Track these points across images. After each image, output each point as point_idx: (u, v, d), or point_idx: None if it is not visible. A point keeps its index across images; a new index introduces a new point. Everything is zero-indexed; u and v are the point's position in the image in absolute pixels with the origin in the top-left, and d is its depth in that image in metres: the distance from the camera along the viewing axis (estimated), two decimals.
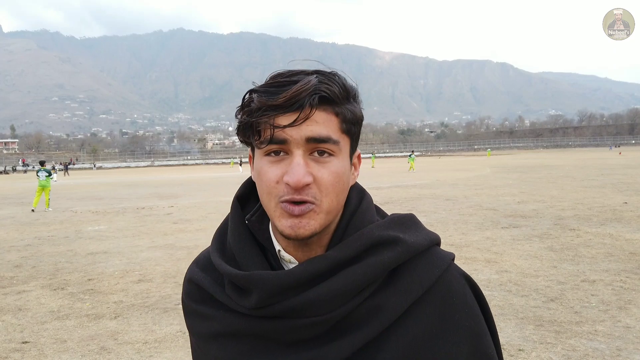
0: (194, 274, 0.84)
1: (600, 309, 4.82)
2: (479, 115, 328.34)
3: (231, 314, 0.76)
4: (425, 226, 0.81)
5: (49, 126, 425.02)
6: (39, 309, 5.51)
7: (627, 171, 25.56)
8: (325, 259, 0.71)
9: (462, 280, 0.77)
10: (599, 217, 10.51)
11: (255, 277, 0.71)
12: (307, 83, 0.68)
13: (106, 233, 10.99)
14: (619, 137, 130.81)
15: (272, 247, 0.77)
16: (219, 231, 0.85)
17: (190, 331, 0.85)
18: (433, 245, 0.78)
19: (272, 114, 0.68)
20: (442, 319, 0.73)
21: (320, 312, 0.70)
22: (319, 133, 0.69)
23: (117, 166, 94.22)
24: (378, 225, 0.75)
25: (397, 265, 0.73)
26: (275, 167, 0.70)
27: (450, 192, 17.96)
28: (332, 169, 0.70)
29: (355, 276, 0.70)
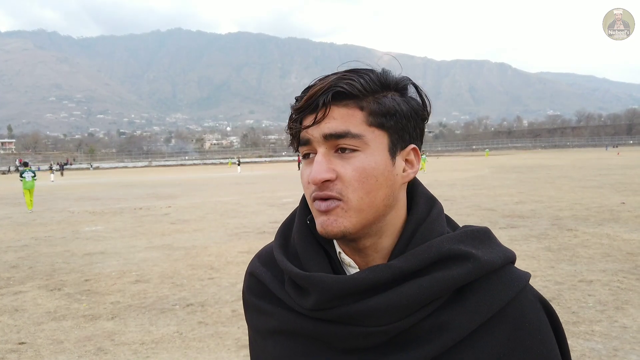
0: (255, 268, 0.84)
1: (598, 309, 4.82)
2: (478, 116, 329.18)
3: (288, 312, 0.75)
4: (499, 241, 0.76)
5: (46, 126, 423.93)
6: (35, 310, 5.49)
7: (625, 171, 25.62)
8: (389, 268, 0.68)
9: (537, 303, 0.73)
10: (597, 217, 10.53)
11: (316, 278, 0.70)
12: (325, 82, 0.69)
13: (103, 233, 10.97)
14: (617, 137, 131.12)
15: (332, 249, 0.76)
16: (283, 227, 0.84)
17: (249, 325, 0.85)
18: (508, 263, 0.73)
19: (299, 118, 0.71)
20: (512, 344, 0.68)
21: (380, 323, 0.67)
22: (335, 129, 0.68)
23: (114, 166, 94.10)
24: (449, 238, 0.71)
25: (467, 282, 0.69)
26: (307, 168, 0.72)
27: (449, 192, 17.97)
28: (357, 164, 0.68)
29: (419, 289, 0.67)
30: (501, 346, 0.68)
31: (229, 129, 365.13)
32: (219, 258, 7.90)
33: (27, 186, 16.71)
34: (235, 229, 10.83)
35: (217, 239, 9.65)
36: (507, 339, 0.68)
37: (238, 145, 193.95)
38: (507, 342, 0.68)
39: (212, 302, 5.56)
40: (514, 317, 0.70)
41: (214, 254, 8.25)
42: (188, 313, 5.20)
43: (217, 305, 5.40)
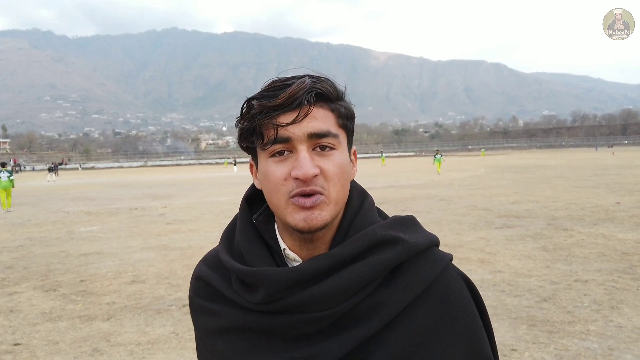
0: (202, 271, 0.87)
1: (593, 309, 4.84)
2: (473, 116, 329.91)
3: (238, 310, 0.79)
4: (424, 227, 0.84)
5: (41, 126, 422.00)
6: (30, 311, 5.47)
7: (620, 171, 25.75)
8: (330, 256, 0.74)
9: (459, 280, 0.80)
10: (592, 217, 10.57)
11: (262, 273, 0.74)
12: (303, 83, 0.73)
13: (99, 234, 10.93)
14: (612, 137, 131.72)
15: (277, 246, 0.80)
16: (227, 231, 0.88)
17: (197, 328, 0.87)
18: (432, 245, 0.81)
19: (273, 114, 0.72)
20: (440, 316, 0.75)
21: (324, 308, 0.73)
22: (319, 128, 0.73)
23: (109, 166, 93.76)
24: (380, 226, 0.78)
25: (398, 263, 0.76)
26: (281, 166, 0.73)
27: (445, 192, 18.01)
28: (336, 161, 0.74)
29: (358, 274, 0.73)
30: (431, 319, 0.75)
31: (225, 129, 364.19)
32: None
33: (1, 186, 17.21)
34: None
35: (213, 239, 9.63)
36: (435, 312, 0.75)
37: (234, 145, 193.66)
38: (436, 314, 0.75)
39: None
40: (440, 292, 0.77)
41: None
42: (184, 313, 5.19)
43: None
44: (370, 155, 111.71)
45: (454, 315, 0.76)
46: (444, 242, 8.51)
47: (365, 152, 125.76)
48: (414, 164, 56.07)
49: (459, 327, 0.76)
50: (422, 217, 11.65)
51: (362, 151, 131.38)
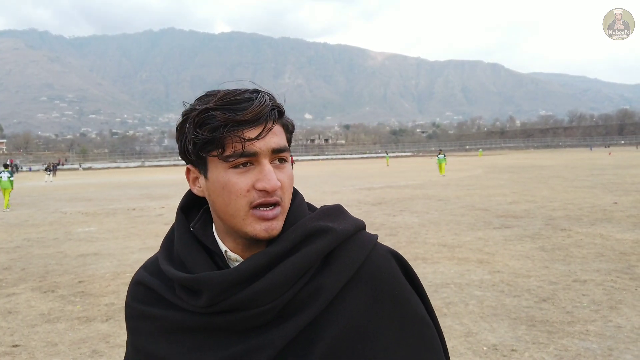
0: (143, 277, 0.88)
1: (592, 309, 4.85)
2: (471, 116, 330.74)
3: (181, 313, 0.81)
4: (350, 214, 0.89)
5: (38, 126, 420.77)
6: (28, 312, 5.45)
7: (617, 171, 25.82)
8: (266, 254, 0.78)
9: (387, 255, 0.86)
10: (590, 217, 10.60)
11: (203, 278, 0.77)
12: (265, 99, 0.77)
13: (96, 234, 10.90)
14: (609, 137, 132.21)
15: (218, 250, 0.84)
16: (165, 240, 0.90)
17: (134, 334, 0.87)
18: (359, 230, 0.86)
19: (239, 129, 0.75)
20: (373, 292, 0.81)
21: (266, 302, 0.76)
22: (279, 143, 0.78)
23: (106, 167, 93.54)
24: (310, 218, 0.83)
25: (330, 250, 0.81)
26: (243, 177, 0.76)
27: (443, 192, 18.03)
28: (288, 173, 0.81)
29: (294, 265, 0.77)
30: (364, 295, 0.80)
31: None
32: None
33: (2, 186, 17.76)
34: None
35: None
36: (368, 288, 0.81)
37: None
38: (370, 292, 0.80)
39: None
40: (371, 270, 0.82)
41: None
42: None
43: None
44: (368, 156, 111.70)
45: (385, 288, 0.81)
46: (442, 242, 8.52)
47: (362, 153, 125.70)
48: (413, 164, 56.15)
49: (391, 298, 0.81)
50: (421, 217, 11.66)
51: (360, 151, 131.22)
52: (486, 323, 4.58)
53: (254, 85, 0.83)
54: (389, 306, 0.80)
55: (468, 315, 4.79)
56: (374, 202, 15.55)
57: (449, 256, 7.42)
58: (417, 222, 10.87)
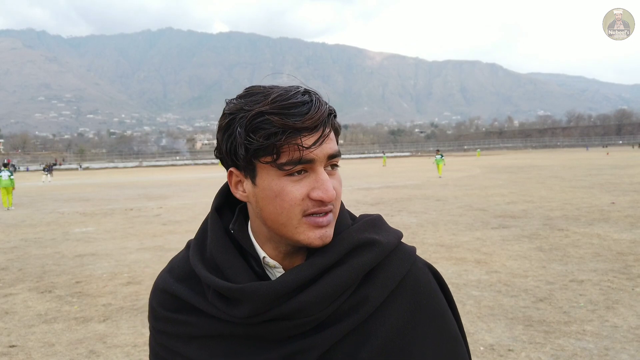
0: (169, 285, 0.84)
1: (589, 309, 4.86)
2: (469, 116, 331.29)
3: (215, 321, 0.79)
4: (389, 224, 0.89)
5: (35, 126, 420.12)
6: (26, 312, 5.44)
7: (615, 171, 25.87)
8: (313, 265, 0.76)
9: (426, 269, 0.87)
10: (587, 217, 10.62)
11: (249, 289, 0.74)
12: (322, 104, 0.74)
13: (94, 235, 10.88)
14: (607, 137, 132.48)
15: (255, 254, 0.81)
16: (197, 241, 0.86)
17: (158, 334, 0.85)
18: (399, 242, 0.86)
19: (297, 136, 0.70)
20: (413, 306, 0.81)
21: (310, 314, 0.75)
22: (334, 149, 0.75)
23: (104, 167, 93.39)
24: (356, 229, 0.82)
25: (376, 264, 0.80)
26: (299, 186, 0.73)
27: (441, 192, 18.04)
28: (339, 179, 0.79)
29: (340, 278, 0.76)
30: (405, 310, 0.80)
31: None
32: None
33: (2, 184, 18.03)
34: None
35: None
36: (409, 303, 0.81)
37: None
38: (409, 305, 0.81)
39: None
40: (411, 284, 0.82)
41: None
42: None
43: None
44: (367, 156, 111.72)
45: (423, 303, 0.82)
46: (440, 242, 8.53)
47: (361, 153, 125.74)
48: (411, 164, 56.18)
49: (429, 312, 0.81)
50: (419, 217, 11.66)
51: (358, 151, 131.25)
52: (483, 323, 4.59)
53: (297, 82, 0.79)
54: (426, 321, 0.81)
55: (465, 315, 4.79)
56: (372, 202, 15.55)
57: (446, 256, 7.43)
58: (415, 222, 10.88)
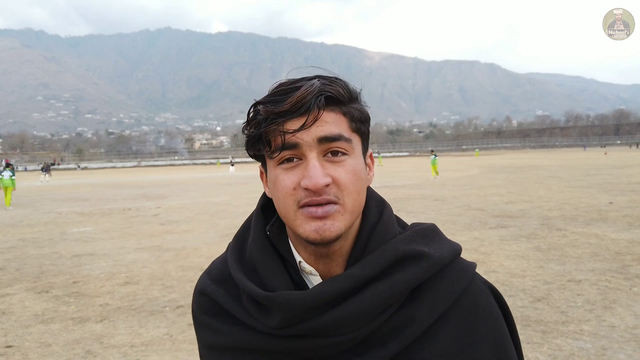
0: (206, 287, 0.81)
1: (586, 309, 4.86)
2: (468, 116, 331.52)
3: (248, 331, 0.74)
4: (445, 235, 0.80)
5: (33, 126, 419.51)
6: (22, 313, 5.42)
7: (613, 171, 25.90)
8: (350, 277, 0.69)
9: (486, 290, 0.77)
10: (585, 217, 10.62)
11: (280, 298, 0.69)
12: (312, 86, 0.68)
13: (92, 235, 10.86)
14: (605, 137, 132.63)
15: (292, 259, 0.75)
16: (236, 240, 0.83)
17: (200, 341, 0.82)
18: (456, 256, 0.77)
19: (280, 121, 0.67)
20: (468, 331, 0.72)
21: (346, 332, 0.69)
22: (331, 132, 0.68)
23: (102, 166, 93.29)
24: (402, 239, 0.74)
25: (423, 281, 0.72)
26: (290, 174, 0.69)
27: (439, 192, 18.05)
28: (349, 168, 0.69)
29: (381, 294, 0.68)
30: (459, 333, 0.71)
31: (219, 129, 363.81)
32: (209, 259, 7.84)
33: (3, 184, 18.37)
34: (226, 230, 10.78)
35: (207, 240, 9.60)
36: (464, 326, 0.72)
37: (228, 145, 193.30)
38: (464, 329, 0.72)
39: None
40: (467, 305, 0.73)
41: (205, 255, 8.20)
42: (178, 315, 5.16)
43: None
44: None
45: (483, 330, 0.73)
46: None
47: None
48: (409, 164, 56.21)
49: (487, 340, 0.72)
50: (417, 217, 11.66)
51: None
52: None
53: (328, 73, 0.74)
54: (484, 350, 0.72)
55: None
56: None
57: None
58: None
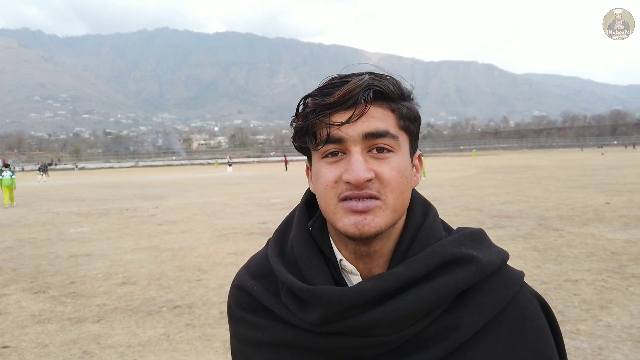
0: (244, 282, 0.80)
1: (583, 309, 4.88)
2: (465, 116, 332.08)
3: (285, 326, 0.73)
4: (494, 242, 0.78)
5: (31, 126, 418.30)
6: (19, 313, 5.41)
7: (610, 172, 25.96)
8: (395, 276, 0.68)
9: (534, 301, 0.75)
10: (582, 217, 10.65)
11: (321, 292, 0.68)
12: (361, 80, 0.68)
13: (89, 235, 10.84)
14: (602, 137, 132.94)
15: (333, 256, 0.75)
16: (278, 233, 0.82)
17: (235, 336, 0.82)
18: (504, 263, 0.75)
19: (327, 113, 0.67)
20: (514, 342, 0.70)
21: (387, 332, 0.67)
22: (377, 127, 0.67)
23: (100, 167, 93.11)
24: (449, 242, 0.72)
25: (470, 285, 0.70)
26: (333, 168, 0.68)
27: (436, 192, 18.07)
28: (394, 165, 0.68)
29: (426, 296, 0.67)
30: (504, 344, 0.69)
31: (217, 129, 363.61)
32: (206, 259, 7.85)
33: (4, 184, 19.15)
34: (223, 230, 10.77)
35: (205, 240, 9.60)
36: (509, 337, 0.70)
37: (226, 145, 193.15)
38: (509, 340, 0.70)
39: (200, 303, 5.52)
40: (514, 316, 0.71)
41: (202, 255, 8.20)
42: (175, 315, 5.16)
43: (205, 307, 5.37)
44: None
45: (529, 341, 0.71)
46: None
47: None
48: None
49: (533, 353, 0.70)
50: None
51: None
52: None
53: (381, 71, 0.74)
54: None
55: None
56: None
57: None
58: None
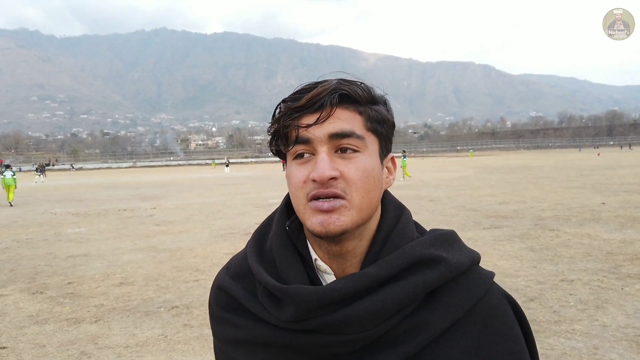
0: (223, 282, 0.83)
1: (578, 308, 4.91)
2: (462, 117, 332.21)
3: (261, 325, 0.75)
4: (465, 244, 0.80)
5: (28, 126, 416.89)
6: (17, 314, 5.41)
7: (606, 172, 26.04)
8: (366, 276, 0.70)
9: (504, 301, 0.77)
10: (578, 217, 10.69)
11: (294, 291, 0.70)
12: (328, 84, 0.71)
13: (87, 235, 10.84)
14: (598, 138, 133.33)
15: (309, 256, 0.77)
16: (257, 234, 0.84)
17: (216, 336, 0.84)
18: (475, 264, 0.77)
19: (296, 116, 0.70)
20: (482, 340, 0.71)
21: (358, 330, 0.69)
22: (342, 128, 0.70)
23: (98, 167, 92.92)
24: (420, 243, 0.74)
25: (439, 285, 0.72)
26: (302, 168, 0.71)
27: (433, 193, 18.10)
28: (359, 164, 0.70)
29: (396, 295, 0.69)
30: (472, 343, 0.71)
31: (215, 130, 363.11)
32: (204, 260, 7.86)
33: (6, 182, 19.90)
34: (221, 230, 10.78)
35: (202, 241, 9.60)
36: (478, 336, 0.71)
37: (224, 145, 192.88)
38: (478, 339, 0.71)
39: (198, 304, 5.53)
40: (483, 315, 0.73)
41: (200, 255, 8.21)
42: (173, 315, 5.17)
43: (203, 308, 5.37)
44: None
45: (497, 339, 0.72)
46: None
47: None
48: None
49: (502, 352, 0.72)
50: None
51: None
52: None
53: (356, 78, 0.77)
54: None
55: None
56: None
57: None
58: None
